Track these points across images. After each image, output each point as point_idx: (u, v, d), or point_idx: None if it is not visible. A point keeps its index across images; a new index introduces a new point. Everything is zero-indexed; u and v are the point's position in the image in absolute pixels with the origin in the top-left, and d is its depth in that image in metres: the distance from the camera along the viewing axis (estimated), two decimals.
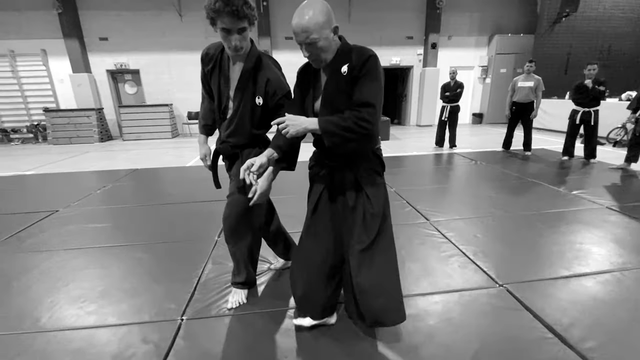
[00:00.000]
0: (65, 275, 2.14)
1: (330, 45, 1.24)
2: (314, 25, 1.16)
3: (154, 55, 8.85)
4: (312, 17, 1.16)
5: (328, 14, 1.19)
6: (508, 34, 9.56)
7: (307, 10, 1.17)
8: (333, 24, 1.22)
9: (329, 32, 1.21)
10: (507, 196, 3.51)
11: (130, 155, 6.56)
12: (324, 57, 1.25)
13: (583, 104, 4.80)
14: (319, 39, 1.18)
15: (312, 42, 1.19)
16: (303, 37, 1.18)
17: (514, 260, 2.22)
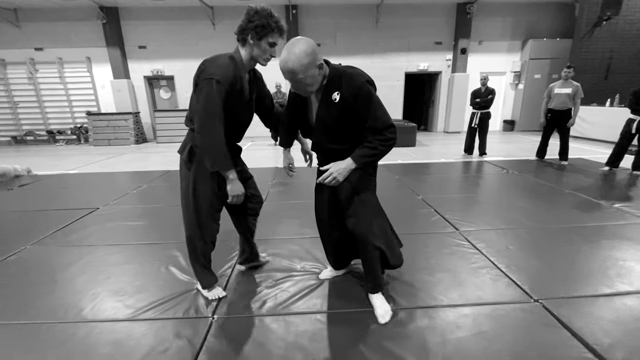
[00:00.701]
0: (106, 270, 2.28)
1: (315, 79, 1.39)
2: (299, 67, 1.32)
3: (187, 62, 9.25)
4: (297, 59, 1.31)
5: (312, 54, 1.33)
6: (543, 38, 9.19)
7: (292, 51, 1.31)
8: (318, 61, 1.36)
9: (314, 70, 1.35)
10: (541, 207, 3.36)
11: (163, 158, 6.86)
12: (309, 90, 1.42)
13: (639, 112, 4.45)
14: (305, 78, 1.35)
15: (298, 80, 1.36)
16: (289, 77, 1.37)
17: (550, 275, 2.12)
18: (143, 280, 2.13)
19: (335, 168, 1.46)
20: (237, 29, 1.51)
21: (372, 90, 1.42)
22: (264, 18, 1.44)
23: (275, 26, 1.47)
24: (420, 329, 1.64)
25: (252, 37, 1.47)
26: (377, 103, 1.41)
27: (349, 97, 1.39)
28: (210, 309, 1.82)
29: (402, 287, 2.00)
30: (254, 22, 1.44)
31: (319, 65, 1.37)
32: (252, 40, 1.49)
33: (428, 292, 1.95)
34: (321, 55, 1.42)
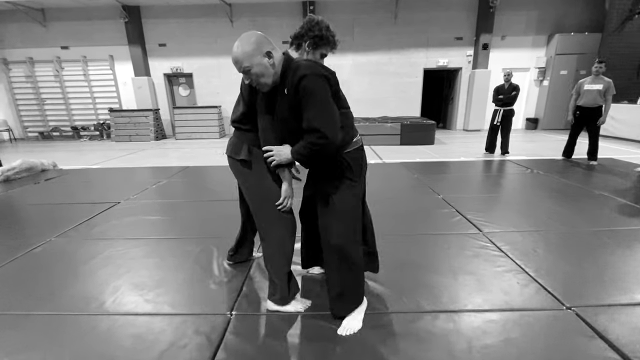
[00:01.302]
0: (126, 263, 2.31)
1: (266, 70, 1.34)
2: (242, 54, 1.29)
3: (205, 60, 9.35)
4: (240, 48, 1.30)
5: (257, 42, 1.31)
6: (571, 33, 8.79)
7: (237, 44, 1.32)
8: (265, 49, 1.32)
9: (260, 58, 1.31)
10: (569, 209, 3.20)
11: (182, 154, 6.97)
12: (263, 81, 1.35)
13: None
14: (251, 66, 1.30)
15: (247, 71, 1.32)
16: (237, 67, 1.34)
17: (582, 281, 2.00)
18: (163, 275, 2.15)
19: (278, 150, 1.48)
20: (293, 33, 1.60)
21: (317, 86, 1.31)
22: (324, 30, 1.53)
23: (332, 40, 1.57)
24: (445, 333, 1.58)
25: (309, 45, 1.56)
26: (314, 101, 1.31)
27: (290, 90, 1.34)
28: (227, 306, 1.81)
29: (425, 290, 1.94)
30: (314, 31, 1.53)
31: (267, 53, 1.32)
32: (308, 48, 1.57)
33: (452, 296, 1.88)
34: (274, 47, 1.37)
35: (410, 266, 2.20)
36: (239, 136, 1.66)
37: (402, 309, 1.77)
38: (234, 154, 1.65)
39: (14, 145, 9.03)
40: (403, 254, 2.36)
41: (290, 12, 8.91)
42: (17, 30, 9.14)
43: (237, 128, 1.68)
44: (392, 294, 1.89)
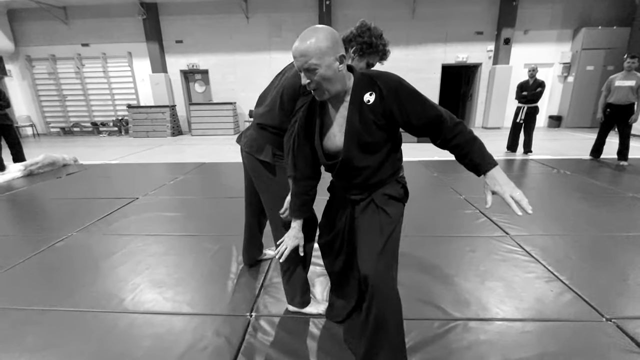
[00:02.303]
0: (145, 260, 2.30)
1: (334, 75, 1.09)
2: (315, 49, 1.04)
3: (221, 56, 9.38)
4: (314, 42, 1.05)
5: (333, 41, 1.07)
6: (598, 27, 8.39)
7: (309, 34, 1.07)
8: (339, 52, 1.08)
9: (332, 60, 1.07)
10: (601, 212, 3.03)
11: (198, 150, 7.01)
12: (326, 87, 1.11)
13: None
14: (320, 65, 1.06)
15: (312, 69, 1.06)
16: (301, 61, 1.07)
17: (621, 290, 1.87)
18: (181, 273, 2.13)
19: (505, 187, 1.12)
20: (343, 37, 1.46)
21: (410, 86, 1.17)
22: (375, 38, 1.43)
23: (382, 49, 1.46)
24: (476, 344, 1.49)
25: (356, 51, 1.46)
26: (422, 98, 1.16)
27: (388, 94, 1.12)
28: (246, 306, 1.77)
29: (452, 296, 1.85)
30: (363, 37, 1.43)
31: (340, 57, 1.09)
32: (354, 54, 1.46)
33: (481, 303, 1.78)
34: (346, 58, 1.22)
35: (434, 269, 2.12)
36: (262, 135, 1.56)
37: (429, 316, 1.69)
38: (255, 152, 1.56)
39: (37, 140, 9.29)
40: (426, 256, 2.28)
41: (305, 7, 8.82)
42: (40, 28, 9.37)
43: (261, 126, 1.57)
44: (417, 299, 1.81)
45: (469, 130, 1.15)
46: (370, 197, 1.29)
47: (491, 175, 1.13)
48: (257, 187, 1.66)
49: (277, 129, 1.53)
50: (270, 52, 9.24)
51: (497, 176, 1.12)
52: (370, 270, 1.18)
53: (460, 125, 1.14)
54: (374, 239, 1.23)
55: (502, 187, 1.11)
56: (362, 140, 1.18)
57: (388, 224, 1.24)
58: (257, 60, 9.34)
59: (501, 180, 1.12)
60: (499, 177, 1.12)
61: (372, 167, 1.23)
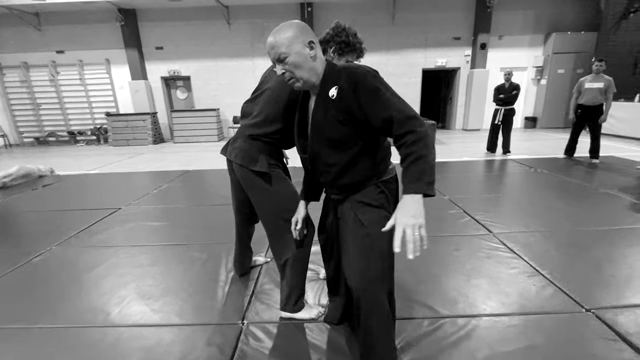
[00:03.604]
0: (131, 272, 2.24)
1: (305, 61, 1.12)
2: (282, 39, 1.10)
3: (203, 63, 9.29)
4: (281, 33, 1.11)
5: (299, 29, 1.12)
6: (567, 32, 8.83)
7: (277, 29, 1.13)
8: (308, 39, 1.12)
9: (300, 46, 1.11)
10: (577, 208, 3.17)
11: (181, 157, 6.89)
12: (299, 74, 1.13)
13: None
14: (289, 53, 1.10)
15: (282, 59, 1.11)
16: (273, 54, 1.12)
17: (599, 282, 1.97)
18: (169, 284, 2.08)
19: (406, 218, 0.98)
20: (320, 38, 1.52)
21: (380, 79, 1.10)
22: (351, 36, 1.51)
23: (359, 47, 1.53)
24: (465, 340, 1.53)
25: (335, 51, 1.52)
26: (387, 90, 1.07)
27: (348, 90, 1.09)
28: (238, 315, 1.75)
29: (439, 294, 1.89)
30: (340, 37, 1.51)
31: (309, 43, 1.12)
32: (333, 54, 1.53)
33: (468, 300, 1.83)
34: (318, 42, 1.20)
35: (421, 269, 2.16)
36: (254, 146, 1.53)
37: (418, 315, 1.72)
38: (249, 164, 1.51)
39: (10, 151, 8.90)
40: (405, 256, 2.31)
41: (288, 13, 8.88)
42: (11, 35, 9.03)
43: (253, 137, 1.53)
44: (405, 299, 1.84)
45: (423, 143, 1.00)
46: (347, 199, 1.26)
47: (404, 200, 1.00)
48: (253, 200, 1.61)
49: (270, 138, 1.52)
50: (253, 59, 9.23)
51: (408, 202, 0.99)
52: (354, 282, 1.19)
53: (410, 135, 1.02)
54: (355, 251, 1.20)
55: (401, 216, 0.99)
56: (326, 135, 1.17)
57: (364, 236, 1.19)
58: (240, 67, 9.31)
59: (408, 208, 0.99)
60: (408, 205, 0.99)
61: (339, 165, 1.20)
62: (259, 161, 1.50)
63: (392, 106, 1.04)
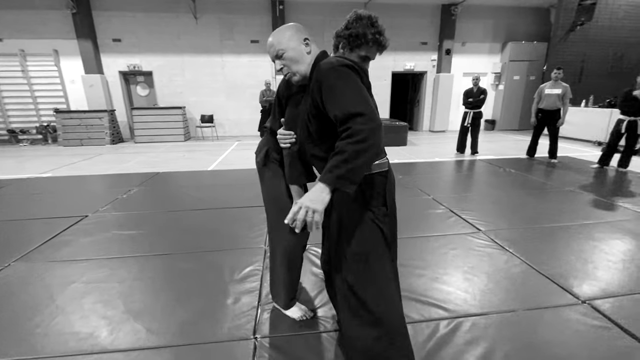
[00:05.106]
0: (113, 287, 2.00)
1: (300, 56, 1.22)
2: (280, 37, 1.22)
3: (167, 58, 8.75)
4: (279, 33, 1.23)
5: (295, 28, 1.24)
6: (521, 41, 9.56)
7: (275, 31, 1.25)
8: (303, 36, 1.24)
9: (297, 43, 1.22)
10: (549, 205, 3.41)
11: (146, 158, 6.42)
12: (295, 68, 1.22)
13: (629, 113, 4.61)
14: (286, 49, 1.21)
15: (280, 55, 1.22)
16: (272, 51, 1.24)
17: (588, 274, 2.10)
18: (161, 299, 1.89)
19: (305, 199, 1.02)
20: (334, 33, 1.40)
21: (343, 74, 1.06)
22: (363, 27, 1.28)
23: (372, 38, 1.28)
24: (474, 339, 1.55)
25: (344, 46, 1.33)
26: (343, 87, 1.04)
27: (314, 84, 1.12)
28: (249, 329, 1.62)
29: (444, 294, 1.91)
30: (349, 29, 1.31)
31: (305, 39, 1.23)
32: (342, 50, 1.34)
33: (473, 299, 1.87)
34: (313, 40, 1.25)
35: (419, 270, 2.17)
36: (265, 138, 1.60)
37: (424, 317, 1.71)
38: (256, 154, 1.61)
39: None
40: (412, 258, 2.33)
41: (258, 10, 8.65)
42: None
43: (264, 130, 1.65)
44: (413, 300, 1.83)
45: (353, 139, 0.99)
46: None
47: (315, 185, 1.05)
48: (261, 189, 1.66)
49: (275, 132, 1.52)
50: (222, 55, 8.87)
51: (315, 189, 1.03)
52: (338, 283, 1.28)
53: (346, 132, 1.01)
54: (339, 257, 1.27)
55: (304, 197, 1.03)
56: (307, 128, 1.25)
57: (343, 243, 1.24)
58: (208, 63, 8.90)
59: (312, 193, 1.02)
60: (313, 191, 1.03)
61: (319, 157, 1.25)
62: (261, 152, 1.55)
63: (339, 104, 1.04)
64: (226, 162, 5.99)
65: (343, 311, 1.29)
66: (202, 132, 9.29)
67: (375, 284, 1.23)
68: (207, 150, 7.23)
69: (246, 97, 9.20)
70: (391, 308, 1.23)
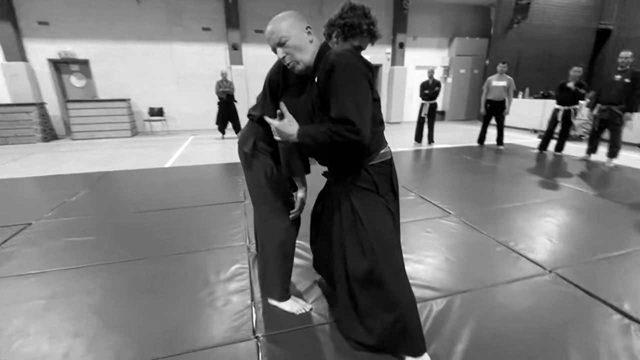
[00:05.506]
0: (81, 301, 1.77)
1: (305, 44, 1.22)
2: (282, 24, 1.19)
3: (106, 44, 7.91)
4: (280, 20, 1.21)
5: (296, 16, 1.23)
6: (466, 37, 10.24)
7: (274, 18, 1.22)
8: (305, 24, 1.23)
9: (299, 31, 1.21)
10: (507, 187, 3.73)
11: (88, 157, 5.78)
12: (299, 57, 1.22)
13: (564, 103, 5.17)
14: (289, 37, 1.19)
15: (283, 42, 1.20)
16: (273, 39, 1.21)
17: (551, 247, 2.33)
18: (142, 307, 1.72)
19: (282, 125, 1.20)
20: (327, 21, 1.40)
21: (350, 73, 1.10)
22: (357, 17, 1.32)
23: (366, 29, 1.33)
24: (467, 313, 1.65)
25: (338, 35, 1.36)
26: (350, 90, 1.09)
27: (321, 75, 1.15)
28: (247, 329, 1.54)
29: (430, 275, 2.00)
30: (344, 19, 1.32)
31: (307, 28, 1.23)
32: (336, 39, 1.37)
33: (457, 277, 1.98)
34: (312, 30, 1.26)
35: (406, 254, 2.24)
36: (250, 127, 1.56)
37: (420, 299, 1.78)
38: (241, 144, 1.55)
39: None
40: None
41: None
42: None
43: (250, 118, 1.55)
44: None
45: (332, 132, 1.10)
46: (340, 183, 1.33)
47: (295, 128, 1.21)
48: (246, 180, 1.63)
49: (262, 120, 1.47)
50: (171, 43, 8.25)
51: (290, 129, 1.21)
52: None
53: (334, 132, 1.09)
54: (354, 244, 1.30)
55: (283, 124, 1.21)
56: (312, 118, 1.27)
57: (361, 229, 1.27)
58: (155, 51, 8.22)
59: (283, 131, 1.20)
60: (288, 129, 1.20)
61: None
62: (248, 142, 1.51)
63: (339, 104, 1.10)
64: (184, 158, 5.62)
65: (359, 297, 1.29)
66: (152, 126, 8.62)
67: (392, 268, 1.25)
68: (160, 146, 6.72)
69: (200, 88, 8.69)
70: (407, 291, 1.27)
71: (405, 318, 1.24)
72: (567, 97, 5.14)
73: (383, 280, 1.24)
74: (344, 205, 1.32)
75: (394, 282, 1.26)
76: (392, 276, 1.26)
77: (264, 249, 1.63)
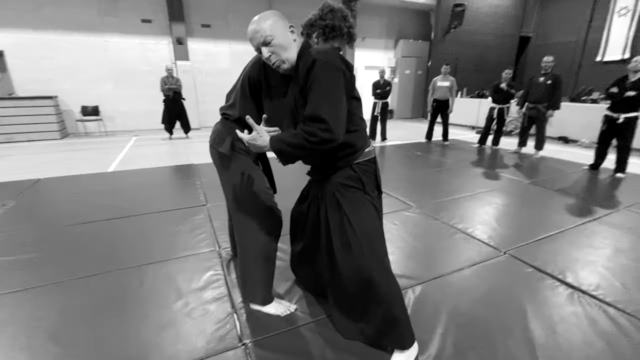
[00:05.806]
0: (35, 327, 1.54)
1: (289, 43, 1.22)
2: (265, 24, 1.18)
3: (25, 34, 6.92)
4: (263, 19, 1.19)
5: (279, 15, 1.23)
6: (410, 40, 10.85)
7: (256, 18, 1.21)
8: (288, 23, 1.24)
9: (283, 30, 1.21)
10: (456, 179, 4.05)
11: (8, 164, 5.02)
12: (284, 56, 1.21)
13: (498, 102, 5.76)
14: (274, 35, 1.18)
15: (268, 41, 1.18)
16: (257, 38, 1.19)
17: (502, 231, 2.59)
18: (112, 325, 1.55)
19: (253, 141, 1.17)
20: (305, 21, 1.40)
21: (328, 71, 1.11)
22: (338, 20, 1.35)
23: (347, 32, 1.37)
24: (442, 299, 1.78)
25: (318, 36, 1.37)
26: (326, 88, 1.10)
27: (301, 73, 1.16)
28: (233, 338, 1.48)
29: (402, 266, 2.11)
30: (325, 20, 1.33)
31: (290, 27, 1.23)
32: (316, 39, 1.38)
33: (428, 265, 2.12)
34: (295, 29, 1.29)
35: None
36: (225, 125, 1.52)
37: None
38: (216, 144, 1.50)
39: None
40: None
41: None
42: None
43: (225, 117, 1.51)
44: None
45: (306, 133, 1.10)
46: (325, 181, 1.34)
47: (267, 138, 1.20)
48: (221, 182, 1.58)
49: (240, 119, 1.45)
50: (104, 35, 7.48)
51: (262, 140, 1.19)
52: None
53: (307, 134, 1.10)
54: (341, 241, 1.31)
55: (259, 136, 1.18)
56: (295, 116, 1.27)
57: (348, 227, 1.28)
58: (86, 44, 7.40)
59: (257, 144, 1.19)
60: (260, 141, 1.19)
61: None
62: (225, 143, 1.47)
63: (314, 102, 1.11)
64: (128, 161, 5.16)
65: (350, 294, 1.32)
66: (85, 126, 7.76)
67: (380, 265, 1.29)
68: (99, 149, 6.09)
69: (140, 84, 8.03)
70: (395, 285, 1.32)
71: (395, 310, 1.29)
72: (500, 97, 5.73)
73: (372, 276, 1.27)
74: (331, 204, 1.33)
75: (383, 278, 1.30)
76: (381, 272, 1.30)
77: (244, 253, 1.57)
